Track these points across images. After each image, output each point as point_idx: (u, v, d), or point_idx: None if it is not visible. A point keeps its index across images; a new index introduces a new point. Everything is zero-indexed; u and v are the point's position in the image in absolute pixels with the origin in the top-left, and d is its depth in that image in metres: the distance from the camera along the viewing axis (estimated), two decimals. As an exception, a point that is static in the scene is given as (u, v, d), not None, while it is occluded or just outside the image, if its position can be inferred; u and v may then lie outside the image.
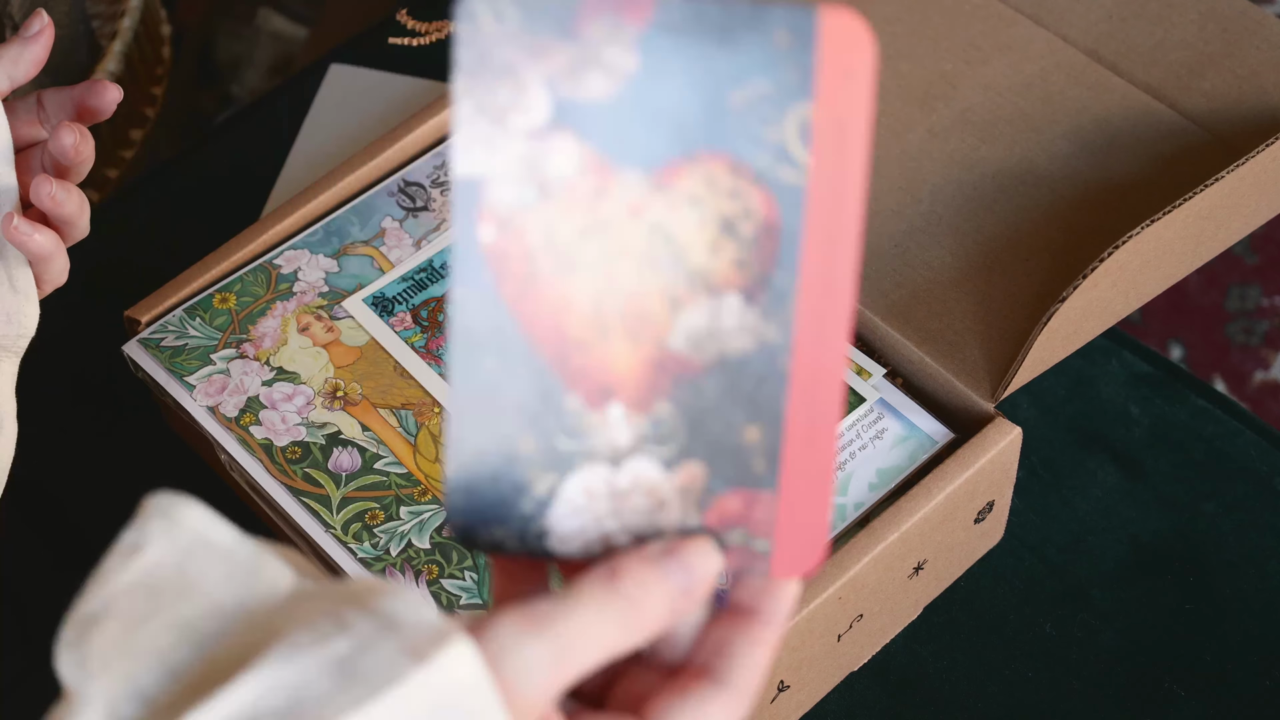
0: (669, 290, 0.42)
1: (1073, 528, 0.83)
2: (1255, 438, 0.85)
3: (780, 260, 0.41)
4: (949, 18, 0.94)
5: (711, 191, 0.41)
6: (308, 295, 0.83)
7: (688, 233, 0.41)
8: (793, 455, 0.43)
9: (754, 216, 0.41)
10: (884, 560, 0.72)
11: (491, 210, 0.40)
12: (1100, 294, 0.77)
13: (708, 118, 0.41)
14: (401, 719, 0.38)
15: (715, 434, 0.42)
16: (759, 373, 0.42)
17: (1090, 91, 0.89)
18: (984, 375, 0.78)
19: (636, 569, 0.42)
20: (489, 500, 0.42)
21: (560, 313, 0.41)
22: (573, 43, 0.40)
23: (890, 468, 0.76)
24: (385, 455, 0.77)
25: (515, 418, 0.42)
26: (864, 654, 0.78)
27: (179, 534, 0.43)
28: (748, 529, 0.43)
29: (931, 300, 0.81)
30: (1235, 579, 0.81)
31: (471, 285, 0.41)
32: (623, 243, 0.41)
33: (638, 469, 0.43)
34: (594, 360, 0.42)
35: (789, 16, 0.40)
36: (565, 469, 0.42)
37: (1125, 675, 0.78)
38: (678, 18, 0.40)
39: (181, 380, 0.80)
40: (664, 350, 0.42)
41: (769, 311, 0.42)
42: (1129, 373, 0.88)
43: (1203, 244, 0.82)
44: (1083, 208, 0.84)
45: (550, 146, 0.40)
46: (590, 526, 0.43)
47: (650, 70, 0.40)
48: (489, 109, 0.40)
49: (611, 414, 0.42)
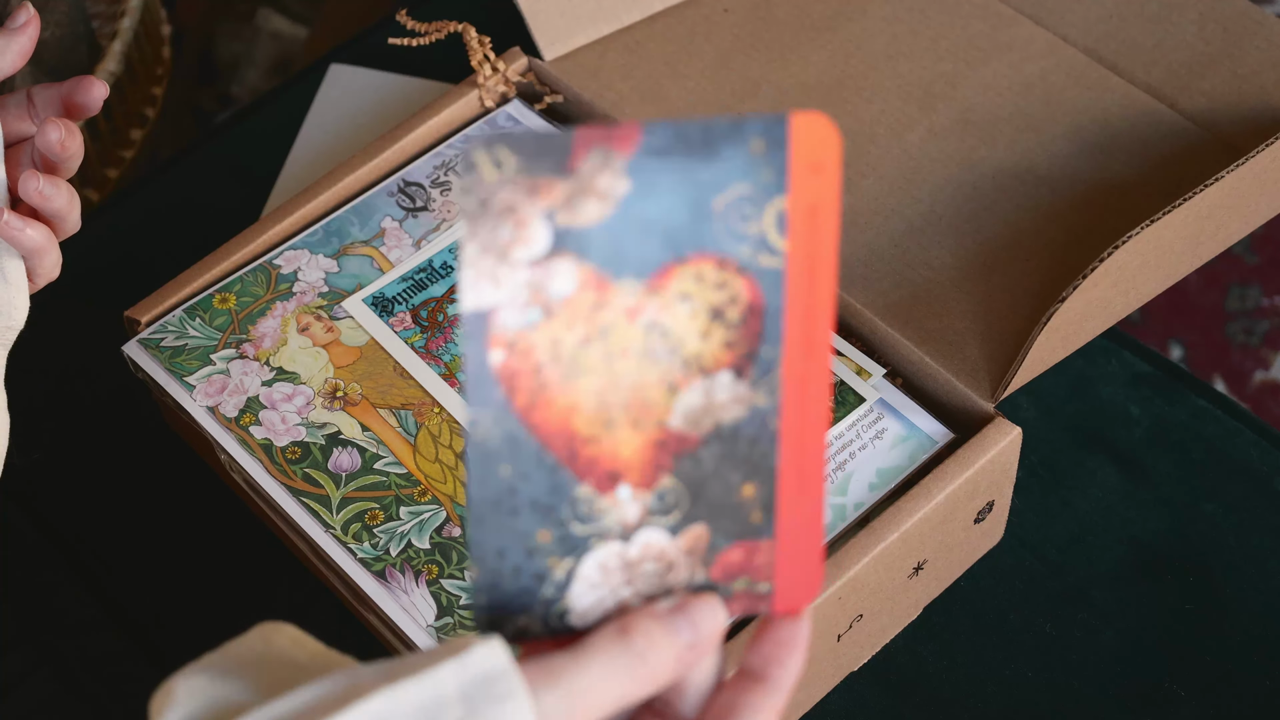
0: (666, 378, 0.45)
1: (1073, 528, 0.83)
2: (1255, 438, 0.85)
3: (765, 335, 0.45)
4: (949, 17, 0.94)
5: (700, 286, 0.44)
6: (307, 295, 0.83)
7: (680, 325, 0.44)
8: (786, 502, 0.46)
9: (739, 301, 0.44)
10: (884, 560, 0.72)
11: (500, 335, 0.43)
12: (1100, 294, 0.77)
13: (694, 223, 0.44)
14: (430, 694, 0.42)
15: (715, 496, 0.46)
16: (751, 435, 0.46)
17: (1090, 91, 0.89)
18: (984, 375, 0.78)
19: (645, 625, 0.45)
20: (512, 593, 0.46)
21: (568, 414, 0.44)
22: (567, 178, 0.43)
23: (890, 468, 0.76)
24: (385, 455, 0.76)
25: (531, 514, 0.45)
26: (864, 654, 0.78)
27: (274, 641, 0.48)
28: (750, 576, 0.47)
29: (931, 300, 0.81)
30: (1235, 579, 0.80)
31: (485, 405, 0.44)
32: (622, 343, 0.44)
33: (647, 539, 0.46)
34: (602, 450, 0.45)
35: (763, 124, 0.43)
36: (581, 551, 0.46)
37: (1125, 675, 0.78)
38: (663, 140, 0.43)
39: (181, 380, 0.80)
40: (664, 430, 0.45)
41: (757, 381, 0.45)
42: (1129, 373, 0.88)
43: (1203, 244, 0.82)
44: (1083, 207, 0.84)
45: (551, 271, 0.43)
46: (607, 598, 0.47)
47: (640, 190, 0.43)
48: (493, 247, 0.43)
49: (620, 495, 0.46)
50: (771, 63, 0.93)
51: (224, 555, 0.83)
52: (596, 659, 0.44)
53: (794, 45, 0.93)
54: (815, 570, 0.47)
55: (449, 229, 0.85)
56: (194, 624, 0.81)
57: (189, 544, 0.84)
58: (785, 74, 0.92)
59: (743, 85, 0.92)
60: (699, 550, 0.47)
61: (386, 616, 0.72)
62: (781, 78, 0.92)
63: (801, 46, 0.93)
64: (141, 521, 0.85)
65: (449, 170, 0.88)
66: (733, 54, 0.93)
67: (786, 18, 0.95)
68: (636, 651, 0.45)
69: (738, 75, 0.92)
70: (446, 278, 0.83)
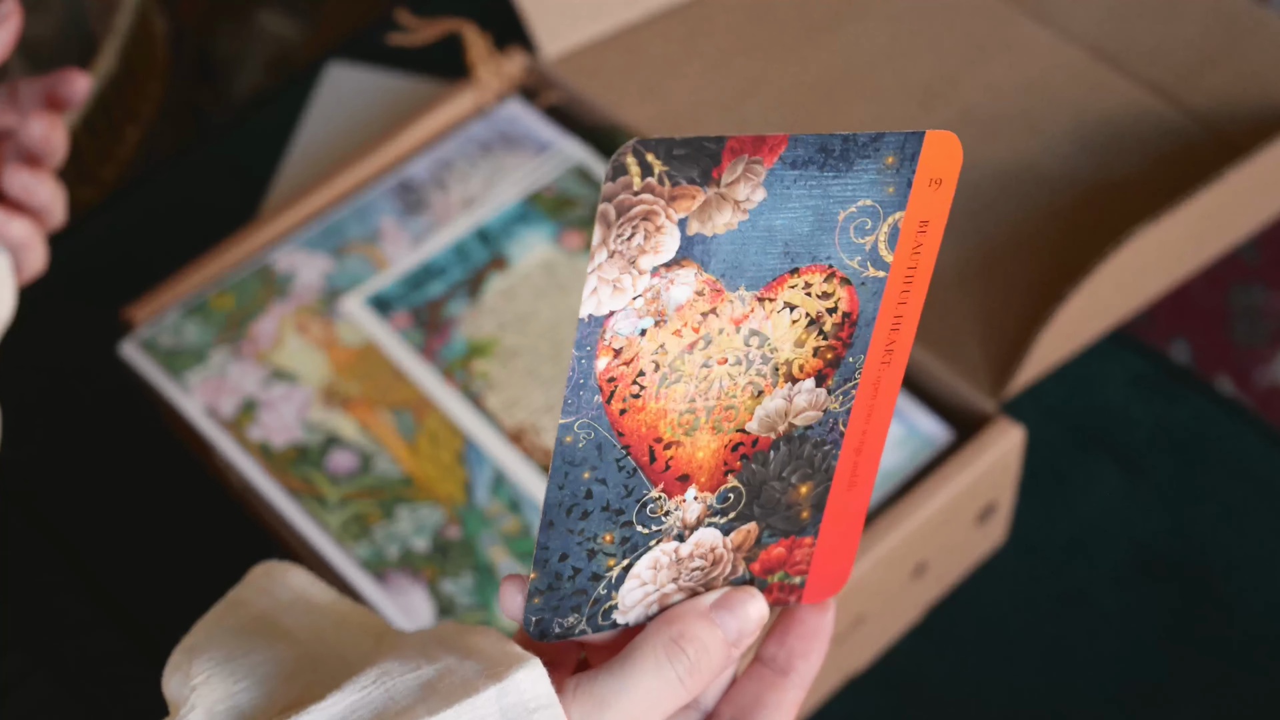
0: (755, 384, 0.44)
1: (1075, 529, 0.82)
2: (1258, 439, 0.85)
3: (854, 344, 0.45)
4: (951, 16, 0.93)
5: (806, 296, 0.44)
6: (305, 295, 0.82)
7: (780, 333, 0.44)
8: (834, 500, 0.46)
9: (839, 311, 0.44)
10: (885, 561, 0.72)
11: (610, 342, 0.42)
12: (1103, 293, 0.77)
13: (816, 234, 0.43)
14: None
15: (772, 495, 0.46)
16: (819, 438, 0.46)
17: (1092, 90, 0.89)
18: (985, 375, 0.77)
19: (696, 630, 0.44)
20: (567, 594, 0.45)
21: (657, 420, 0.44)
22: (709, 185, 0.42)
23: (892, 468, 0.75)
24: (383, 456, 0.76)
25: (601, 517, 0.45)
26: (865, 656, 0.77)
27: (280, 592, 0.47)
28: (787, 569, 0.47)
29: (933, 300, 0.81)
30: (1238, 580, 0.80)
31: (581, 411, 0.43)
32: (721, 351, 0.44)
33: (700, 536, 0.46)
34: (679, 454, 0.45)
35: (900, 140, 0.43)
36: (640, 551, 0.45)
37: (1127, 677, 0.77)
38: (805, 152, 0.42)
39: (177, 380, 0.79)
40: (741, 435, 0.45)
41: (836, 388, 0.45)
42: (1131, 373, 0.88)
43: (1205, 243, 0.82)
44: (1085, 207, 0.84)
45: (672, 279, 0.42)
46: (651, 594, 0.46)
47: (774, 201, 0.43)
48: (623, 254, 0.42)
49: (688, 496, 0.45)
50: (771, 62, 0.92)
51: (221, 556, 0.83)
52: (648, 675, 0.43)
53: (794, 45, 0.93)
54: (846, 563, 0.47)
55: (450, 227, 0.85)
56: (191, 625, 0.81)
57: (187, 544, 0.84)
58: (785, 74, 0.92)
59: (743, 85, 0.91)
60: (746, 546, 0.47)
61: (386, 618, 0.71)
62: (781, 77, 0.92)
63: (801, 46, 0.93)
64: (139, 522, 0.85)
65: (449, 169, 0.88)
66: (733, 54, 0.93)
67: (786, 18, 0.94)
68: (691, 660, 0.44)
69: (738, 75, 0.92)
70: (445, 277, 0.83)
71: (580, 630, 0.46)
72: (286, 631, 0.46)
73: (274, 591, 0.47)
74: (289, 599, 0.47)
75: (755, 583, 0.47)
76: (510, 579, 0.45)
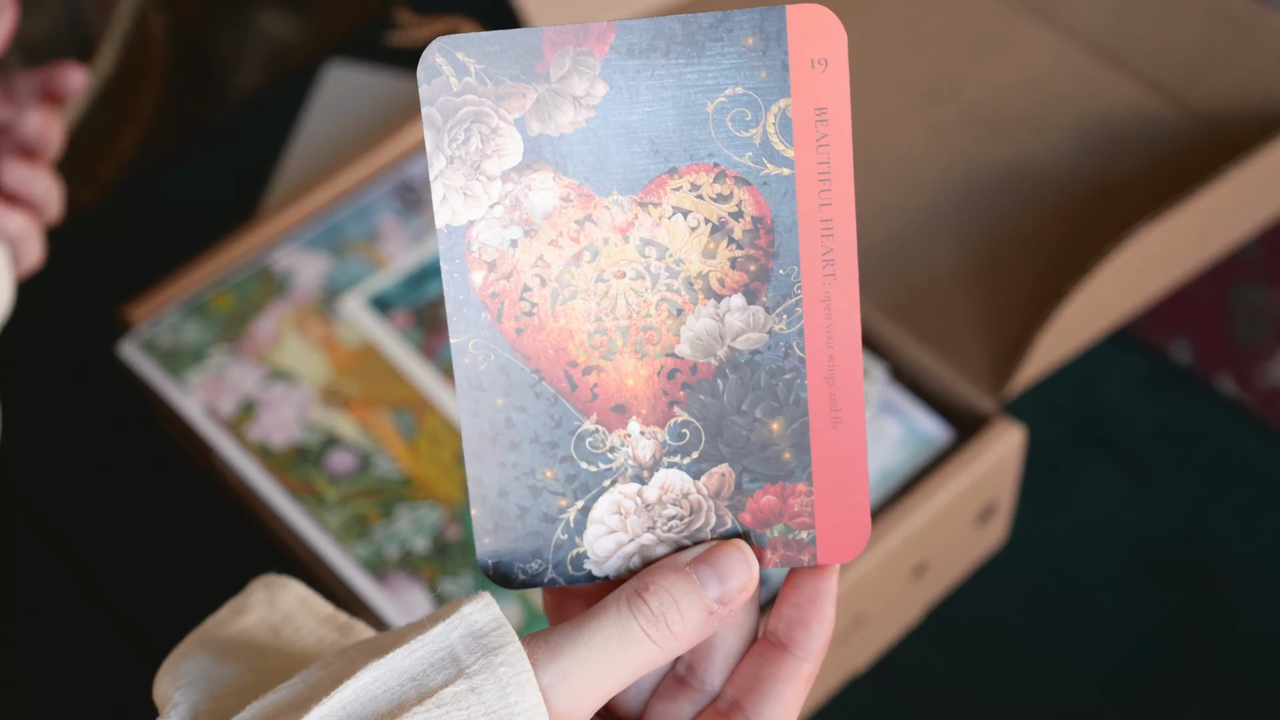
0: (669, 301, 0.42)
1: (1076, 529, 0.82)
2: (1260, 439, 0.85)
3: (778, 253, 0.42)
4: (952, 15, 0.93)
5: (698, 199, 0.42)
6: (305, 295, 0.82)
7: (680, 242, 0.42)
8: (821, 442, 0.43)
9: (745, 215, 0.42)
10: (886, 561, 0.72)
11: (479, 254, 0.41)
12: (1104, 292, 0.76)
13: (684, 129, 0.41)
14: (420, 660, 0.40)
15: (737, 434, 0.43)
16: (773, 366, 0.42)
17: (1094, 89, 0.89)
18: (986, 375, 0.77)
19: (664, 582, 0.41)
20: (519, 536, 0.43)
21: (563, 341, 0.42)
22: (537, 82, 0.41)
23: (892, 468, 0.75)
24: (383, 456, 0.76)
25: (533, 450, 0.43)
26: (865, 656, 0.77)
27: (280, 602, 0.46)
28: (787, 522, 0.43)
29: (934, 299, 0.81)
30: (1240, 581, 0.80)
31: (470, 330, 0.42)
32: (614, 261, 0.42)
33: (665, 480, 0.43)
34: (604, 381, 0.43)
35: (754, 19, 0.41)
36: (594, 492, 0.43)
37: (1129, 678, 0.77)
38: (640, 39, 0.41)
39: (177, 380, 0.79)
40: (673, 360, 0.42)
41: (774, 304, 0.42)
42: (1133, 373, 0.87)
43: (1208, 242, 0.82)
44: (1087, 205, 0.84)
45: (529, 184, 0.41)
46: (627, 544, 0.43)
47: (619, 94, 0.41)
48: (463, 159, 0.41)
49: (630, 431, 0.43)
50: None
51: (220, 557, 0.83)
52: (603, 628, 0.40)
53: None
54: (862, 515, 0.43)
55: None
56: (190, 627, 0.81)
57: (185, 546, 0.83)
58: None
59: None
60: (725, 493, 0.43)
61: (385, 620, 0.71)
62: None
63: (802, 44, 0.93)
64: (137, 523, 0.84)
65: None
66: (733, 51, 0.93)
67: (787, 15, 0.94)
68: (653, 613, 0.41)
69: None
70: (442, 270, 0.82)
71: (550, 578, 0.43)
72: (283, 642, 0.45)
73: (273, 603, 0.47)
74: (286, 611, 0.46)
75: (751, 537, 0.43)
76: None
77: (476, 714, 0.39)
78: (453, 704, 0.39)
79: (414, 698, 0.39)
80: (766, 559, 0.44)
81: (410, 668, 0.40)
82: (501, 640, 0.40)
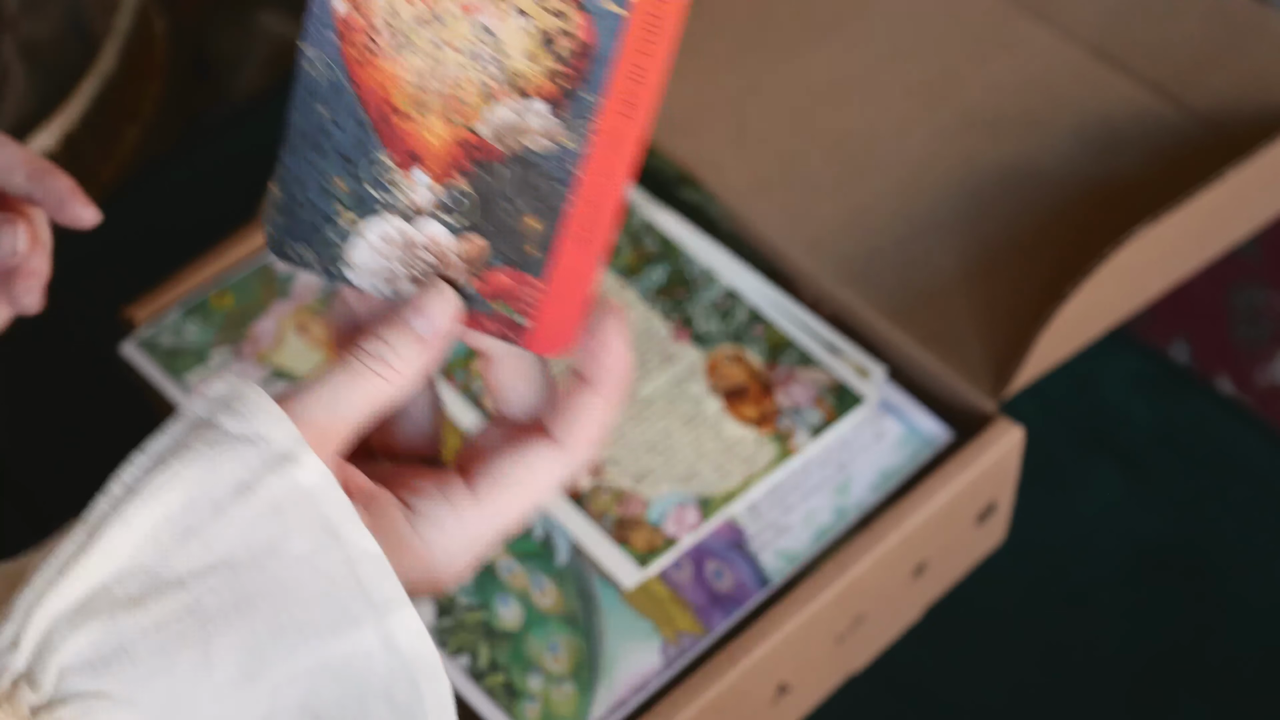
0: (485, 83, 0.47)
1: (1076, 529, 0.82)
2: (1260, 438, 0.85)
3: (589, 80, 0.46)
4: (952, 16, 0.93)
5: (539, 8, 0.46)
6: (306, 295, 0.82)
7: (510, 38, 0.47)
8: (565, 250, 0.48)
9: (573, 36, 0.46)
10: (885, 561, 0.72)
11: None
12: (1104, 293, 0.77)
13: None
14: (165, 440, 0.47)
15: (501, 216, 0.48)
16: (550, 173, 0.47)
17: (1094, 89, 0.89)
18: (986, 375, 0.77)
19: (375, 327, 0.48)
20: (299, 220, 0.50)
21: (389, 83, 0.48)
22: None
23: (892, 468, 0.75)
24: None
25: (334, 159, 0.49)
26: (865, 656, 0.77)
27: None
28: (510, 303, 0.49)
29: (933, 299, 0.81)
30: (1240, 581, 0.80)
31: (320, 46, 0.48)
32: (452, 35, 0.47)
33: (429, 228, 0.49)
34: (410, 129, 0.48)
35: None
36: (368, 212, 0.49)
37: (1129, 678, 0.77)
38: None
39: (178, 381, 0.79)
40: (473, 136, 0.48)
41: (570, 123, 0.47)
42: (1133, 373, 0.87)
43: (1207, 242, 0.82)
44: (1086, 206, 0.84)
45: None
46: (382, 267, 0.49)
47: None
48: None
49: (415, 176, 0.48)
50: (772, 63, 0.92)
51: (221, 556, 0.83)
52: (332, 373, 0.47)
53: (794, 45, 0.93)
54: (573, 323, 0.49)
55: None
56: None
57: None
58: (786, 74, 0.92)
59: (743, 85, 0.91)
60: (474, 261, 0.49)
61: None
62: (782, 78, 0.91)
63: (802, 46, 0.93)
64: (138, 522, 0.84)
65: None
66: (733, 54, 0.93)
67: (787, 18, 0.94)
68: (370, 351, 0.47)
69: (738, 75, 0.92)
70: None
71: (315, 268, 0.50)
72: None
73: None
74: None
75: (475, 303, 0.49)
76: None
77: (225, 445, 0.46)
78: (203, 444, 0.46)
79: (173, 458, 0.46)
80: (485, 325, 0.49)
81: (156, 449, 0.47)
82: (240, 392, 0.47)
